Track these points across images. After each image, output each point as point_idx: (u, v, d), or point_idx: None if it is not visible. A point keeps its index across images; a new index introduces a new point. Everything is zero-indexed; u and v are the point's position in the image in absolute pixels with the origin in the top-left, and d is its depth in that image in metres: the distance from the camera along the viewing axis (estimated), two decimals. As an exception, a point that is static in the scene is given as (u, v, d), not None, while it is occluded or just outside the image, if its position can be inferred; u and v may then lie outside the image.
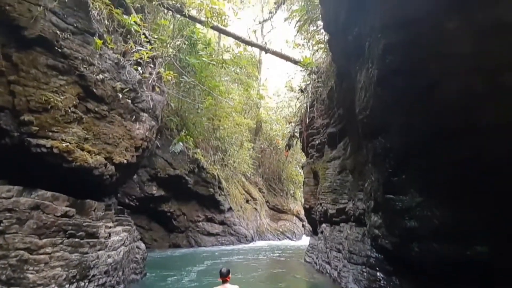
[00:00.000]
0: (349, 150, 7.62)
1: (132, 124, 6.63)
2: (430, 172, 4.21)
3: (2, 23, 4.76)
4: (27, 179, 5.12)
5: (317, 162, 10.10)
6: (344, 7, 5.66)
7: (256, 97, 21.37)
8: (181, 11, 8.84)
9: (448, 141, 3.80)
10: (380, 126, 4.90)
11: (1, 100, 4.79)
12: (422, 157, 4.26)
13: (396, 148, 4.62)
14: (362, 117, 5.36)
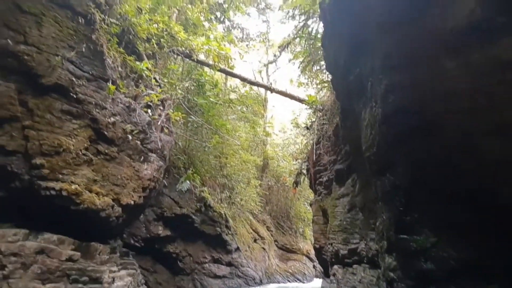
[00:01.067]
0: (358, 187, 7.51)
1: (140, 164, 6.72)
2: (441, 211, 4.11)
3: (20, 71, 5.05)
4: (33, 222, 5.12)
5: (325, 200, 9.91)
6: (344, 49, 5.91)
7: (263, 135, 21.61)
8: (190, 56, 9.33)
9: (456, 180, 3.75)
10: (387, 163, 4.88)
11: (15, 145, 4.94)
12: (432, 196, 4.18)
13: (405, 186, 4.55)
14: (369, 154, 5.36)
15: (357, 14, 4.79)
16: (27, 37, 4.97)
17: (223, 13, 14.01)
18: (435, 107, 3.87)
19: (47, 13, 5.14)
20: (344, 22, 5.33)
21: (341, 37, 5.77)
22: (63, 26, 5.31)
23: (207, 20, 11.65)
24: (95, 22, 5.73)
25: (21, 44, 4.90)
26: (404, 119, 4.26)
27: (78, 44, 5.51)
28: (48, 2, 5.15)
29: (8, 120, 4.85)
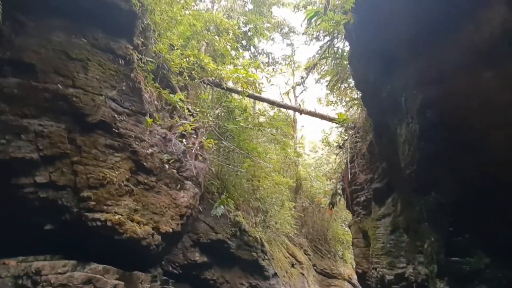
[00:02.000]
0: (400, 207, 7.12)
1: (177, 192, 6.93)
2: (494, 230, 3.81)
3: (69, 112, 5.52)
4: (80, 252, 5.38)
5: (365, 221, 9.47)
6: (373, 67, 5.84)
7: (294, 155, 21.43)
8: (220, 85, 9.71)
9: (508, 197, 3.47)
10: (430, 181, 4.64)
11: (65, 180, 5.33)
12: (483, 214, 3.89)
13: (452, 205, 4.28)
14: (409, 172, 5.12)
15: (385, 33, 4.77)
16: (75, 80, 5.49)
17: (248, 41, 14.55)
18: (477, 121, 3.67)
19: (92, 58, 5.67)
20: (371, 41, 5.31)
21: (369, 55, 5.73)
22: (105, 68, 5.82)
23: (234, 49, 12.14)
24: (133, 62, 6.20)
25: (70, 87, 5.41)
26: (444, 135, 4.08)
27: (118, 83, 5.98)
28: (93, 48, 5.70)
29: (59, 157, 5.28)
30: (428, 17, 3.99)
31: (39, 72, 5.19)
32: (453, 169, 4.13)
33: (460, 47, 3.73)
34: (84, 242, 5.60)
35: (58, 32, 5.42)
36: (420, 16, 4.09)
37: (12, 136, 4.88)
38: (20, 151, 4.88)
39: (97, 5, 5.63)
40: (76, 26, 5.62)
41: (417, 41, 4.28)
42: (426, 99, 4.22)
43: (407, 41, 4.50)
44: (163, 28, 7.99)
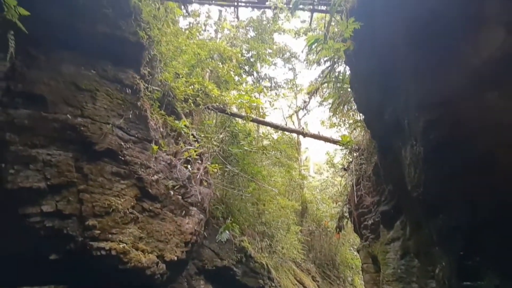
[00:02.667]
0: (409, 230, 6.97)
1: (182, 219, 6.87)
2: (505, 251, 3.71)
3: (77, 141, 5.61)
4: (85, 282, 5.28)
5: (374, 245, 9.23)
6: (374, 90, 5.94)
7: (298, 178, 21.29)
8: (224, 110, 9.89)
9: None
10: (439, 204, 4.57)
11: (71, 208, 5.33)
12: (493, 237, 3.81)
13: (463, 228, 4.19)
14: (417, 194, 5.06)
15: (385, 58, 4.90)
16: (83, 110, 5.63)
17: (251, 66, 14.93)
18: (482, 142, 3.68)
19: (100, 88, 5.85)
20: (371, 66, 5.44)
21: (370, 78, 5.84)
22: (113, 97, 5.99)
23: (237, 75, 12.45)
24: (140, 91, 6.39)
25: (78, 117, 5.54)
26: (450, 157, 4.07)
27: (125, 112, 6.12)
28: (101, 79, 5.89)
29: (66, 186, 5.31)
30: (427, 41, 4.10)
31: (49, 103, 5.35)
32: (461, 191, 4.08)
33: (460, 69, 3.80)
34: (88, 271, 5.52)
35: (68, 65, 5.63)
36: (419, 41, 4.22)
37: (21, 166, 4.95)
38: (28, 180, 4.94)
39: (107, 38, 5.88)
40: (86, 59, 5.84)
41: (417, 65, 4.37)
42: (429, 121, 4.25)
43: (407, 65, 4.61)
44: (169, 57, 8.29)
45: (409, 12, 4.14)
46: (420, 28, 4.10)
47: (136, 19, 6.13)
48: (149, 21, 6.51)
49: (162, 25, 6.94)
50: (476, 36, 3.60)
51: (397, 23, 4.39)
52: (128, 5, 5.94)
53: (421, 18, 3.97)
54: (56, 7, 5.30)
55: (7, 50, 4.88)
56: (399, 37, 4.50)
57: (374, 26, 4.78)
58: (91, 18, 5.66)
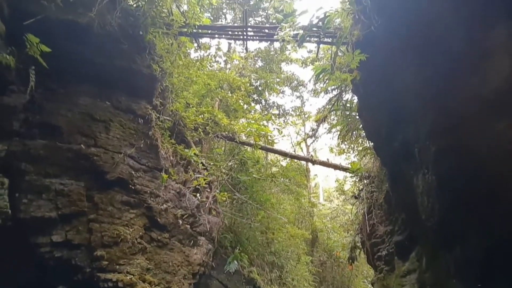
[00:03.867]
0: (425, 261, 6.67)
1: (190, 249, 6.76)
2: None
3: (89, 170, 5.71)
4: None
5: (389, 278, 8.82)
6: (383, 118, 5.97)
7: (308, 205, 20.91)
8: (233, 139, 10.01)
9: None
10: (455, 234, 4.43)
11: (80, 238, 5.32)
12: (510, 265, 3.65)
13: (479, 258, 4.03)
14: (431, 224, 4.93)
15: (392, 88, 4.97)
16: (97, 140, 5.78)
17: (259, 95, 15.26)
18: (495, 170, 3.62)
19: (114, 119, 6.04)
20: (378, 95, 5.51)
21: (378, 107, 5.89)
22: (126, 127, 6.15)
23: (246, 103, 12.72)
24: (152, 121, 6.56)
25: (92, 147, 5.68)
26: (463, 185, 4.00)
27: (137, 141, 6.26)
28: (115, 110, 6.10)
29: (76, 215, 5.34)
30: (434, 71, 4.17)
31: (64, 134, 5.52)
32: (475, 220, 3.97)
33: (469, 98, 3.81)
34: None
35: (85, 97, 5.87)
36: (426, 71, 4.29)
37: (34, 196, 5.03)
38: (40, 210, 4.99)
39: (122, 71, 6.15)
40: (102, 90, 6.09)
41: (425, 94, 4.41)
42: (439, 150, 4.23)
43: (415, 94, 4.65)
44: (180, 88, 8.58)
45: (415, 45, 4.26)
46: (427, 59, 4.19)
47: (150, 53, 6.43)
48: (162, 54, 6.82)
49: (174, 58, 7.26)
50: (483, 68, 3.65)
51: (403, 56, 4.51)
52: (143, 40, 6.26)
53: (427, 50, 4.07)
54: (76, 44, 5.61)
55: (27, 84, 5.15)
56: (406, 68, 4.60)
57: (380, 58, 4.90)
58: (109, 53, 5.96)
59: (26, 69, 5.09)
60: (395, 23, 4.45)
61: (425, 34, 4.14)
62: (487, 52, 3.63)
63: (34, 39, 4.82)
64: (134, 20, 6.11)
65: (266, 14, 14.47)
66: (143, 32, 6.19)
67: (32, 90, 5.20)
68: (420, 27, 4.16)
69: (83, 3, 5.41)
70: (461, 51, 3.76)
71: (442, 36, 3.93)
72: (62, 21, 5.35)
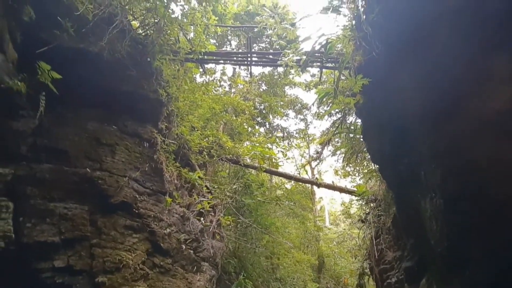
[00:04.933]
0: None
1: (193, 275, 6.60)
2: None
3: (93, 194, 5.71)
4: None
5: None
6: (386, 141, 5.95)
7: (314, 229, 20.49)
8: (237, 162, 10.02)
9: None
10: (465, 258, 4.28)
11: (82, 264, 5.24)
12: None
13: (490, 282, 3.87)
14: (441, 249, 4.77)
15: (394, 111, 5.00)
16: (102, 164, 5.83)
17: (263, 118, 15.43)
18: (501, 191, 3.55)
19: (120, 143, 6.12)
20: (381, 118, 5.54)
21: (381, 130, 5.90)
22: (131, 151, 6.21)
23: (250, 126, 12.83)
24: (157, 145, 6.63)
25: (97, 170, 5.72)
26: (471, 208, 3.91)
27: (142, 165, 6.29)
28: (122, 134, 6.19)
29: (79, 240, 5.29)
30: (435, 94, 4.21)
31: (71, 158, 5.58)
32: (486, 244, 3.85)
33: (471, 119, 3.81)
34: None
35: (93, 121, 5.98)
36: (427, 94, 4.33)
37: (37, 220, 5.00)
38: (43, 234, 4.95)
39: (129, 96, 6.30)
40: (109, 115, 6.22)
41: (427, 116, 4.43)
42: (445, 172, 4.18)
43: (417, 118, 4.67)
44: (185, 111, 8.71)
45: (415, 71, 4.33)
46: (427, 83, 4.25)
47: (157, 78, 6.61)
48: (169, 80, 7.01)
49: (180, 83, 7.44)
50: (484, 90, 3.68)
51: (404, 81, 4.58)
52: (151, 67, 6.46)
53: (428, 74, 4.13)
54: (86, 70, 5.80)
55: (37, 109, 5.28)
56: (407, 93, 4.65)
57: (382, 82, 4.97)
58: (117, 79, 6.14)
59: (37, 95, 5.23)
60: (395, 50, 4.56)
61: (424, 59, 4.22)
62: (489, 76, 3.67)
63: (46, 66, 4.99)
64: (142, 48, 6.33)
65: (269, 40, 14.93)
66: (151, 59, 6.40)
67: (42, 115, 5.32)
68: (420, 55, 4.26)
69: (94, 32, 5.63)
70: (463, 74, 3.81)
71: (441, 60, 4.00)
72: (74, 49, 5.56)
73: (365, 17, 4.67)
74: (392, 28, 4.49)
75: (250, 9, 14.68)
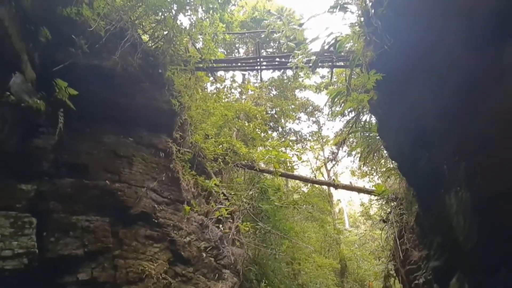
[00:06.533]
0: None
1: (215, 283, 6.56)
2: None
3: (114, 206, 5.79)
4: None
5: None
6: (405, 138, 5.77)
7: (334, 233, 20.11)
8: (253, 167, 10.00)
9: None
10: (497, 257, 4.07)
11: (105, 276, 5.28)
12: None
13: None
14: (470, 247, 4.57)
15: (411, 107, 4.87)
16: (121, 176, 5.92)
17: (276, 122, 15.39)
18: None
19: (137, 154, 6.21)
20: (398, 115, 5.40)
21: (399, 127, 5.75)
22: (148, 162, 6.30)
23: (263, 131, 12.81)
24: (172, 154, 6.70)
25: (116, 182, 5.81)
26: (500, 204, 3.72)
27: (159, 175, 6.36)
28: (138, 145, 6.30)
29: (102, 252, 5.35)
30: (452, 92, 4.06)
31: (90, 171, 5.69)
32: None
33: (494, 114, 3.66)
34: None
35: (109, 135, 6.11)
36: (444, 91, 4.19)
37: (60, 234, 5.09)
38: (67, 247, 5.03)
39: (143, 108, 6.42)
40: (124, 128, 6.33)
41: (447, 113, 4.27)
42: (470, 166, 4.01)
43: (435, 115, 4.52)
44: (198, 120, 8.79)
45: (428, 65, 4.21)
46: (442, 78, 4.11)
47: (169, 89, 6.71)
48: (181, 89, 7.09)
49: (192, 92, 7.52)
50: (502, 85, 3.52)
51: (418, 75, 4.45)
52: (162, 78, 6.57)
53: (441, 69, 4.00)
54: (100, 86, 5.94)
55: (56, 125, 5.43)
56: (423, 88, 4.52)
57: (396, 77, 4.86)
58: (130, 92, 6.27)
59: (55, 112, 5.38)
60: (406, 43, 4.45)
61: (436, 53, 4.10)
62: (504, 69, 3.52)
63: (63, 83, 5.14)
64: (153, 60, 6.45)
65: (277, 44, 14.97)
66: (162, 70, 6.51)
67: (61, 132, 5.46)
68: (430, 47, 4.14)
69: (107, 48, 5.78)
70: (476, 70, 3.67)
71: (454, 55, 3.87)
72: (88, 66, 5.72)
73: (373, 11, 4.59)
74: (403, 19, 4.39)
75: (256, 16, 14.80)
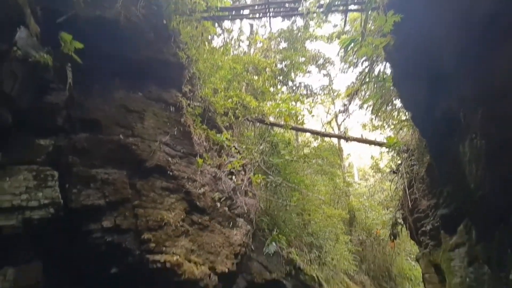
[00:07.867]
0: (475, 234, 6.31)
1: (230, 230, 6.93)
2: None
3: (129, 159, 5.97)
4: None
5: (435, 253, 8.49)
6: (420, 85, 5.57)
7: (343, 185, 20.53)
8: (263, 121, 9.97)
9: None
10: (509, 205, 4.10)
11: (127, 223, 5.63)
12: None
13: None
14: (482, 193, 4.60)
15: (429, 51, 4.60)
16: (134, 130, 6.02)
17: (285, 76, 14.96)
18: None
19: (147, 109, 6.24)
20: (414, 60, 5.14)
21: (414, 74, 5.52)
22: (159, 116, 6.34)
23: (272, 85, 12.53)
24: (182, 108, 6.69)
25: (129, 137, 5.93)
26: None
27: (170, 129, 6.43)
28: (147, 100, 6.29)
29: (122, 202, 5.65)
30: (471, 36, 3.78)
31: (103, 126, 5.80)
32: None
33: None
34: (145, 285, 5.73)
35: (118, 90, 6.10)
36: (463, 36, 3.90)
37: (82, 186, 5.36)
38: (89, 198, 5.32)
39: (150, 62, 6.29)
40: (133, 82, 6.29)
41: (467, 55, 4.03)
42: (488, 112, 3.88)
43: (455, 57, 4.27)
44: (207, 74, 8.61)
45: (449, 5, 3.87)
46: (462, 22, 3.80)
47: (175, 41, 6.48)
48: (187, 41, 6.85)
49: (199, 44, 7.27)
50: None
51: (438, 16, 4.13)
52: (167, 29, 6.32)
53: (462, 11, 3.68)
54: (105, 40, 5.78)
55: (65, 81, 5.42)
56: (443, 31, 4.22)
57: (415, 19, 4.53)
58: (136, 45, 6.09)
59: (63, 67, 5.34)
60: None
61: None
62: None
63: (67, 36, 5.02)
64: (157, 9, 6.16)
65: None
66: (166, 20, 6.24)
67: (71, 87, 5.46)
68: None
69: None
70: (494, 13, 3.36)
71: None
72: (91, 18, 5.52)
73: None
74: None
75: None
